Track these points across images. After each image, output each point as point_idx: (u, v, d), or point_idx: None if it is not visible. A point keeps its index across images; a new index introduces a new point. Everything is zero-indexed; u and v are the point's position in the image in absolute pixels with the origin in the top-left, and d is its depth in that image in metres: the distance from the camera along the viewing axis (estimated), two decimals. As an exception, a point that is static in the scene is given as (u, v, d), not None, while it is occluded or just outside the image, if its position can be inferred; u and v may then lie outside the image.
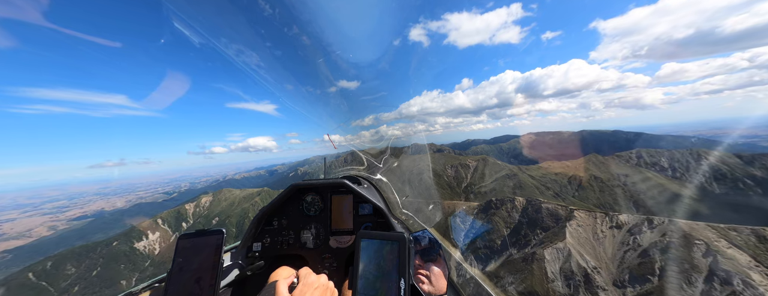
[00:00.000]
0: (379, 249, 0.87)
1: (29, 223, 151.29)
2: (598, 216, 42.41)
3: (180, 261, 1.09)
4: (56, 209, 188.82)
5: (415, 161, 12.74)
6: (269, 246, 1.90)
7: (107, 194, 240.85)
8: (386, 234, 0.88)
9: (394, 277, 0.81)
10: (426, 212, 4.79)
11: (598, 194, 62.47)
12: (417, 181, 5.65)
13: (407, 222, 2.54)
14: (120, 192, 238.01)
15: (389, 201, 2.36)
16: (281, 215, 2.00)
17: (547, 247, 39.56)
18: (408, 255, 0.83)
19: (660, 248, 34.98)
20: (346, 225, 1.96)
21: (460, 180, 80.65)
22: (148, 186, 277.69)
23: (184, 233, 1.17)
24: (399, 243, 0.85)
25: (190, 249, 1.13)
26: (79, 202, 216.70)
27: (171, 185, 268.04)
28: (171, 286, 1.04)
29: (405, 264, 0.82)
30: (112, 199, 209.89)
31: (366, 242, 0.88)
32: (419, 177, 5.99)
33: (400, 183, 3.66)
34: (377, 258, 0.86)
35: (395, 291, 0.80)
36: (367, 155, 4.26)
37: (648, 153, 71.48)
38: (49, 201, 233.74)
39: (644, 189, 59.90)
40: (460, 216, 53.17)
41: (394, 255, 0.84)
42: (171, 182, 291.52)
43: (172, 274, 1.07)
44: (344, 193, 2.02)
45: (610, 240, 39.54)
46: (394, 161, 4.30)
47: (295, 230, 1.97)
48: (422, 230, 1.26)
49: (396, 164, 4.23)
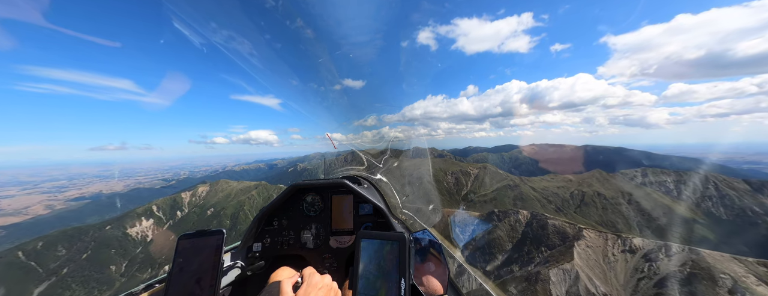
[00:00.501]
0: (379, 249, 0.87)
1: (27, 201, 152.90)
2: (609, 238, 40.95)
3: (180, 262, 1.09)
4: (55, 189, 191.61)
5: (415, 162, 12.27)
6: (269, 246, 1.91)
7: (106, 177, 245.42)
8: (386, 234, 0.89)
9: (395, 277, 0.81)
10: (426, 213, 4.76)
11: (600, 211, 61.21)
12: (417, 182, 5.94)
13: (407, 222, 2.49)
14: (120, 176, 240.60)
15: (389, 201, 2.34)
16: (281, 215, 2.00)
17: (553, 267, 38.12)
18: (408, 255, 0.84)
19: (679, 279, 33.19)
20: (347, 225, 1.97)
21: (460, 187, 79.76)
22: (148, 172, 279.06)
23: (185, 233, 1.15)
24: (399, 243, 0.86)
25: (191, 250, 1.12)
26: (78, 183, 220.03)
27: (170, 172, 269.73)
28: (171, 286, 1.04)
29: (405, 264, 0.82)
30: (111, 182, 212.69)
31: (366, 242, 0.89)
32: (419, 178, 5.88)
33: (400, 184, 3.60)
34: (377, 258, 0.86)
35: (395, 291, 0.80)
36: (367, 155, 4.25)
37: (654, 173, 70.25)
38: (49, 180, 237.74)
39: (649, 209, 58.51)
40: (460, 216, 52.53)
41: (394, 255, 0.85)
42: (171, 170, 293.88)
43: (173, 274, 1.07)
44: (344, 193, 2.02)
45: (622, 264, 37.96)
46: (395, 161, 4.29)
47: (296, 230, 1.97)
48: (422, 230, 1.23)
49: (396, 164, 4.21)
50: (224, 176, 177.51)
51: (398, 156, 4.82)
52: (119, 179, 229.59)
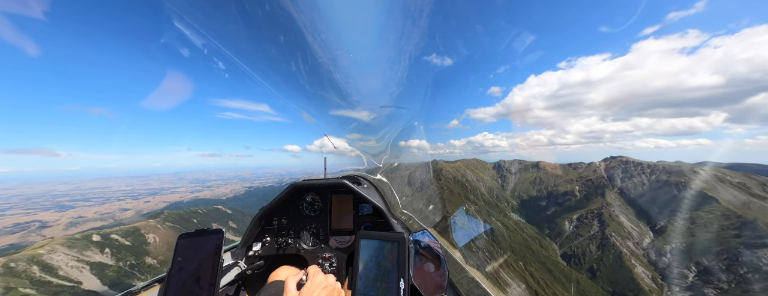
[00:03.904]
0: (378, 249, 0.89)
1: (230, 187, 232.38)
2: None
3: (180, 261, 1.11)
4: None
5: (415, 162, 12.39)
6: (269, 246, 1.93)
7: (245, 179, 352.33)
8: (386, 234, 0.91)
9: (394, 277, 0.82)
10: (426, 213, 4.43)
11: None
12: (417, 182, 5.87)
13: (407, 222, 2.55)
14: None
15: (389, 201, 2.37)
16: (281, 215, 2.03)
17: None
18: (408, 255, 0.85)
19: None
20: (346, 225, 1.98)
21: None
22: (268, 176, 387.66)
23: (184, 232, 1.19)
24: (399, 243, 0.87)
25: (190, 249, 1.14)
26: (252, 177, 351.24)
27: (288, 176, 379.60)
28: (171, 286, 1.05)
29: (405, 264, 0.82)
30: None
31: (366, 242, 0.91)
32: (420, 178, 6.09)
33: (400, 184, 3.64)
34: (377, 258, 0.88)
35: (395, 291, 0.80)
36: (367, 155, 4.25)
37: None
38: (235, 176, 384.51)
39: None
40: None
41: (393, 255, 0.86)
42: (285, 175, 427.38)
43: (172, 274, 1.08)
44: (344, 193, 2.04)
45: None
46: (395, 161, 4.24)
47: (295, 230, 2.01)
48: (422, 230, 1.26)
49: (396, 164, 4.15)
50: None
51: (398, 156, 4.81)
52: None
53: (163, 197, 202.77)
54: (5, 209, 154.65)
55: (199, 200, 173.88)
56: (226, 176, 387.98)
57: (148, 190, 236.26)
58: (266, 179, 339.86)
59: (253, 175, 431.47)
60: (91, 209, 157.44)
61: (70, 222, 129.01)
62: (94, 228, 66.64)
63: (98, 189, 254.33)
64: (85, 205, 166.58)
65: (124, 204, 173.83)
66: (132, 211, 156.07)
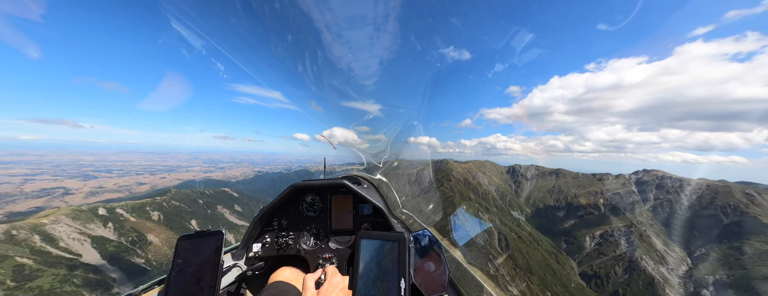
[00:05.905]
0: (379, 248, 0.89)
1: (241, 170, 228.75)
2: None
3: (180, 262, 1.11)
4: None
5: (415, 162, 10.52)
6: (269, 247, 1.92)
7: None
8: (386, 233, 0.92)
9: (395, 277, 0.82)
10: (426, 212, 4.31)
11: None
12: (417, 181, 5.78)
13: (407, 221, 2.54)
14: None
15: (389, 201, 2.38)
16: (281, 215, 2.02)
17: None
18: (408, 254, 0.85)
19: None
20: (346, 225, 2.00)
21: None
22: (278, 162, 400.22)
23: (184, 234, 1.17)
24: (399, 242, 0.87)
25: (190, 250, 1.14)
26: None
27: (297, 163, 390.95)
28: (171, 287, 1.05)
29: (405, 264, 0.83)
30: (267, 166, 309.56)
31: (366, 242, 0.91)
32: (420, 178, 6.01)
33: (400, 183, 3.44)
34: (377, 257, 0.88)
35: (395, 291, 0.80)
36: (367, 154, 4.24)
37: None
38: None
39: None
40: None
41: (394, 255, 0.86)
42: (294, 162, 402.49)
43: (172, 275, 1.08)
44: (344, 193, 2.06)
45: None
46: (395, 161, 4.15)
47: (295, 230, 2.00)
48: (422, 230, 1.25)
49: (396, 164, 4.07)
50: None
51: (398, 155, 4.53)
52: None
53: (178, 174, 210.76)
54: (37, 174, 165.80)
55: (210, 181, 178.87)
56: (238, 159, 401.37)
57: (165, 167, 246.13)
58: (276, 164, 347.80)
59: (263, 160, 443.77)
60: (111, 180, 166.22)
61: (90, 192, 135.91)
62: (110, 200, 67.89)
63: (120, 162, 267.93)
64: (107, 176, 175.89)
65: (142, 178, 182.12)
66: (148, 186, 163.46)
